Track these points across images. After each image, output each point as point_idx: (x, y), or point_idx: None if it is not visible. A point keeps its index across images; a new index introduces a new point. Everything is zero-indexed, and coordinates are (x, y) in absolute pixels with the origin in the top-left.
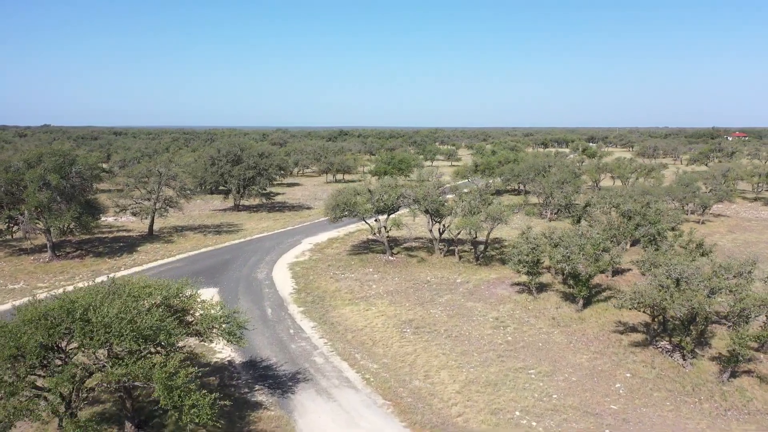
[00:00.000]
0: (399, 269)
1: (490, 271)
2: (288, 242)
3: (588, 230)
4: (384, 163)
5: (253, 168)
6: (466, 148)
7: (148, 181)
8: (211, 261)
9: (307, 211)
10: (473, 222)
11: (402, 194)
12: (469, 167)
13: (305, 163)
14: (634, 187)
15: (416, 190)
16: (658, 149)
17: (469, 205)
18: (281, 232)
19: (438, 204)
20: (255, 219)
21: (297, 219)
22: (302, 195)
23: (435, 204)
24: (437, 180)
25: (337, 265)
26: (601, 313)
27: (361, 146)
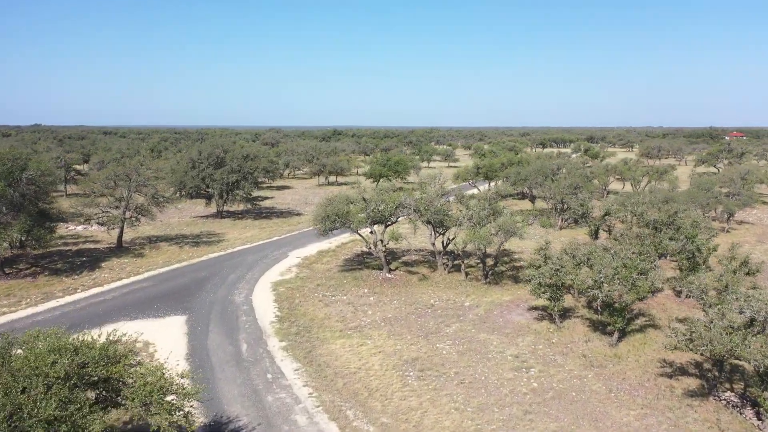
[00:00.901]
0: (398, 289)
1: (502, 291)
2: (273, 255)
3: (615, 246)
4: (379, 165)
5: (237, 171)
6: (463, 148)
7: (116, 187)
8: (183, 280)
9: (296, 218)
10: (482, 236)
11: (401, 203)
12: (470, 170)
13: (296, 164)
14: (654, 192)
15: (417, 198)
16: (663, 149)
17: (478, 215)
18: (267, 243)
19: (442, 214)
20: (239, 227)
21: (285, 227)
22: (292, 199)
23: (439, 215)
24: (440, 186)
25: (327, 285)
26: (640, 348)
27: (356, 146)
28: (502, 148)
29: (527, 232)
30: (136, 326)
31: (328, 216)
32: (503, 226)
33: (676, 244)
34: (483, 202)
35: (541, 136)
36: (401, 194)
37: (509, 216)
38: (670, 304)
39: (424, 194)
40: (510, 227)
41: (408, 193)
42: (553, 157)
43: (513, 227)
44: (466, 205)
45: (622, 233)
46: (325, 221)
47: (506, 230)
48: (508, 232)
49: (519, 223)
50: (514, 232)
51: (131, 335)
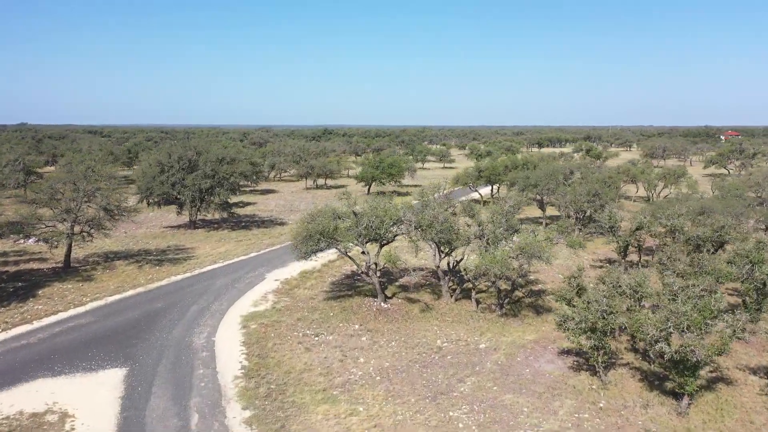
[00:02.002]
0: (396, 324)
1: (523, 326)
2: (248, 278)
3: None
4: (372, 168)
5: (211, 177)
6: (457, 148)
7: (62, 198)
8: (134, 313)
9: (279, 228)
10: (500, 261)
11: (400, 219)
12: (471, 173)
13: (282, 166)
14: (687, 200)
15: (419, 211)
16: (668, 150)
17: (493, 234)
18: (242, 261)
19: (450, 233)
20: (213, 240)
21: (265, 240)
22: (276, 205)
23: (446, 233)
24: (447, 198)
25: (309, 319)
26: (717, 417)
27: (346, 146)
28: (498, 148)
29: (553, 254)
30: (58, 386)
31: (310, 235)
32: (526, 249)
33: (738, 271)
34: (498, 217)
35: (535, 136)
36: (399, 207)
37: (531, 235)
38: (733, 344)
39: (425, 203)
40: (533, 250)
41: (406, 204)
42: (556, 158)
43: (537, 249)
44: (477, 221)
45: (669, 256)
46: (307, 242)
47: (529, 253)
48: (531, 256)
49: (544, 244)
50: (539, 255)
51: (44, 404)
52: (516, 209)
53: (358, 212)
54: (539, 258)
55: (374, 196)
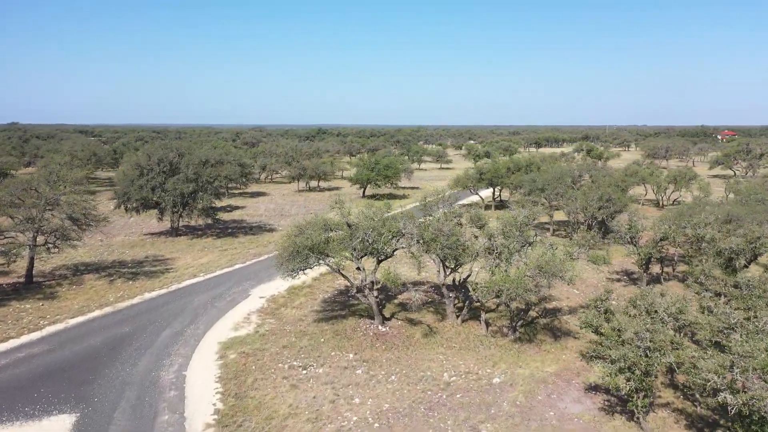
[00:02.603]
0: (396, 353)
1: (541, 354)
2: (230, 295)
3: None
4: (367, 170)
5: (193, 180)
6: (453, 148)
7: (22, 205)
8: (96, 339)
9: (267, 235)
10: (518, 283)
11: (399, 231)
12: (472, 175)
13: (274, 167)
14: (705, 205)
15: (421, 222)
16: (670, 150)
17: (507, 250)
18: (225, 275)
19: (457, 248)
20: (195, 249)
21: (252, 249)
22: (266, 209)
23: (454, 249)
24: (452, 207)
25: (297, 346)
26: None
27: (340, 146)
28: (497, 149)
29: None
30: None
31: (298, 251)
32: (545, 268)
33: None
34: (511, 230)
35: (531, 136)
36: (399, 217)
37: (549, 250)
38: None
39: (428, 212)
40: (554, 268)
41: (406, 214)
42: (558, 158)
43: (559, 269)
44: (487, 233)
45: (704, 273)
46: (294, 258)
47: (549, 273)
48: (552, 276)
49: (565, 262)
50: (561, 275)
51: None
52: (531, 220)
53: (353, 224)
54: (561, 278)
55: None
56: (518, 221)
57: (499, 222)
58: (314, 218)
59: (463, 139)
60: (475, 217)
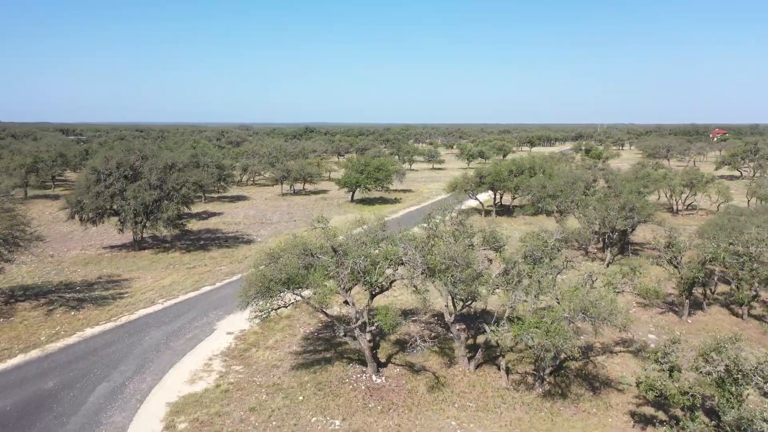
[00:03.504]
0: (396, 418)
1: (579, 415)
2: (192, 329)
3: None
4: (356, 172)
5: (157, 187)
6: (444, 147)
7: None
8: (5, 402)
9: (244, 248)
10: (556, 331)
11: (398, 259)
12: (471, 178)
13: (256, 168)
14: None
15: (425, 245)
16: (671, 150)
17: (537, 285)
18: (189, 301)
19: (473, 281)
20: (159, 267)
21: (224, 267)
22: (245, 216)
23: (469, 284)
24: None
25: (269, 411)
26: None
27: (328, 146)
28: (490, 148)
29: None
30: None
31: (268, 287)
32: (591, 310)
33: None
34: (538, 252)
35: (522, 134)
36: (398, 242)
37: (587, 280)
38: None
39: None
40: (603, 311)
41: (407, 236)
42: (559, 159)
43: (608, 311)
44: (507, 260)
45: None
46: (265, 295)
47: (597, 317)
48: (599, 319)
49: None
50: (610, 320)
51: None
52: (564, 244)
53: (340, 248)
54: (610, 323)
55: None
56: (549, 244)
57: (522, 241)
58: (291, 240)
59: (453, 137)
60: (490, 237)
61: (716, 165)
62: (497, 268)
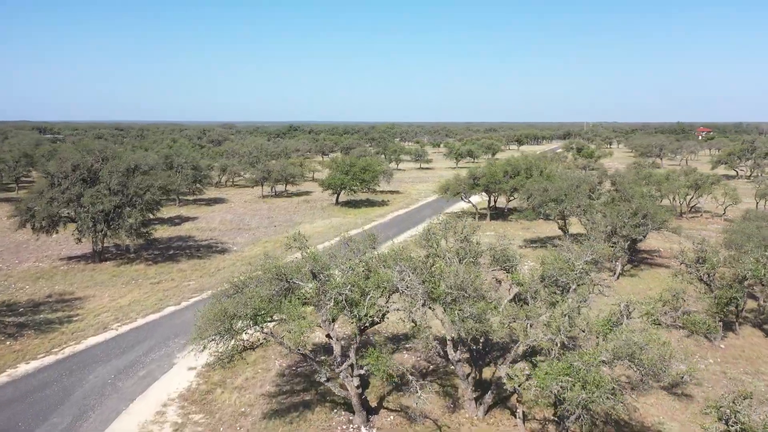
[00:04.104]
0: None
1: None
2: (147, 364)
3: None
4: (341, 173)
5: (118, 192)
6: (430, 146)
7: None
8: None
9: (218, 258)
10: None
11: (394, 287)
12: (464, 180)
13: (235, 169)
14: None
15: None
16: (664, 148)
17: (568, 320)
18: (148, 326)
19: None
20: (120, 282)
21: (192, 281)
22: (221, 221)
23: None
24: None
25: None
26: None
27: (312, 145)
28: (479, 147)
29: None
30: None
31: (228, 327)
32: (640, 358)
33: None
34: (564, 273)
35: (508, 132)
36: (392, 258)
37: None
38: None
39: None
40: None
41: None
42: (553, 159)
43: (661, 359)
44: (518, 280)
45: None
46: (224, 336)
47: (647, 366)
48: (649, 370)
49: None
50: (664, 370)
51: None
52: (594, 266)
53: (321, 272)
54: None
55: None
56: (577, 267)
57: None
58: (264, 264)
59: (439, 136)
60: (501, 256)
61: (712, 164)
62: (507, 291)
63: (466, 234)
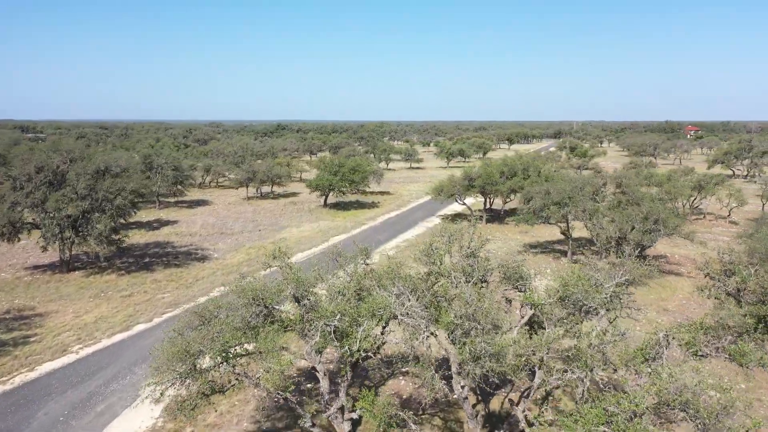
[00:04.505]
0: None
1: None
2: (107, 396)
3: None
4: (329, 173)
5: (86, 197)
6: (420, 145)
7: None
8: None
9: (197, 267)
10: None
11: (391, 313)
12: (459, 180)
13: (220, 169)
14: None
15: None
16: (658, 147)
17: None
18: (114, 347)
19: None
20: (87, 295)
21: (167, 294)
22: (203, 225)
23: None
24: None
25: None
26: None
27: (300, 144)
28: (470, 146)
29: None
30: None
31: (191, 368)
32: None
33: None
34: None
35: (497, 131)
36: (388, 285)
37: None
38: None
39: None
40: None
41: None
42: (549, 158)
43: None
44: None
45: None
46: (185, 379)
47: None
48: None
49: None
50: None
51: None
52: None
53: (306, 297)
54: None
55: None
56: (608, 291)
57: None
58: (237, 284)
59: (429, 135)
60: (513, 274)
61: (708, 163)
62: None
63: (474, 248)
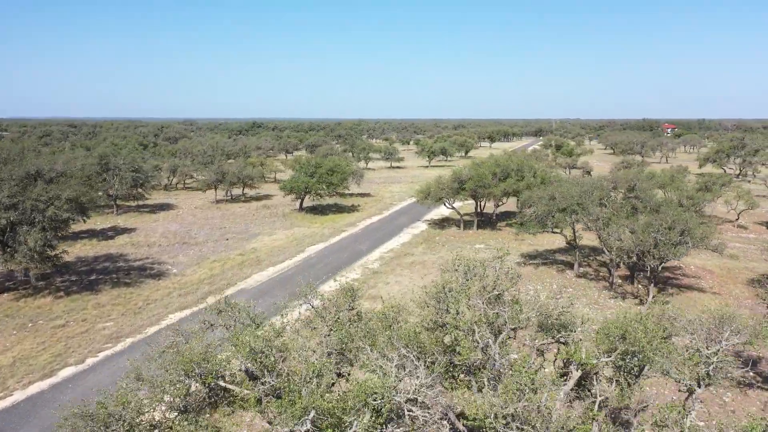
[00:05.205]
0: None
1: None
2: None
3: None
4: (305, 175)
5: (11, 207)
6: (399, 143)
7: None
8: None
9: (150, 285)
10: None
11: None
12: (448, 183)
13: (187, 170)
14: None
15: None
16: (645, 146)
17: None
18: (27, 403)
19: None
20: (12, 325)
21: (110, 324)
22: (164, 233)
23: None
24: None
25: None
26: None
27: (275, 142)
28: (451, 144)
29: None
30: None
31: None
32: None
33: None
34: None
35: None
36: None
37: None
38: None
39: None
40: None
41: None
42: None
43: None
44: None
45: None
46: None
47: None
48: None
49: None
50: None
51: None
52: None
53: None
54: None
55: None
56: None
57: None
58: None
59: (407, 132)
60: (554, 322)
61: (700, 162)
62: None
63: (502, 290)
